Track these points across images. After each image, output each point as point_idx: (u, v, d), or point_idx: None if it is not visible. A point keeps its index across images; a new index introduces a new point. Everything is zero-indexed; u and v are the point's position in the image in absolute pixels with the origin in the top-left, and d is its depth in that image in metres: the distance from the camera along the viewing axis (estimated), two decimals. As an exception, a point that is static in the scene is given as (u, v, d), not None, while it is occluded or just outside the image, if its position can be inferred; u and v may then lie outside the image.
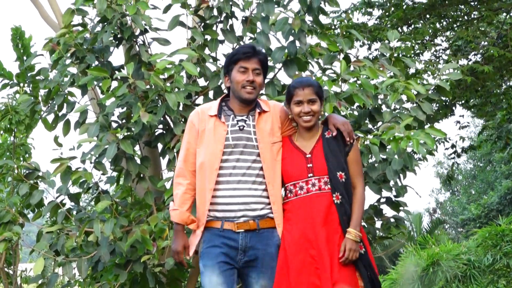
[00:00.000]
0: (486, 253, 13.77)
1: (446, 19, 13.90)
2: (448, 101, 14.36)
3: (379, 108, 6.37)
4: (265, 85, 6.28)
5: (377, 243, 7.00)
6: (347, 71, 6.16)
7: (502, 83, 14.78)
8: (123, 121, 6.51)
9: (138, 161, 6.44)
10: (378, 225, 6.62)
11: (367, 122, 6.43)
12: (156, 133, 6.46)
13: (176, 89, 5.97)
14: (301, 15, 6.14)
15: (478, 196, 36.35)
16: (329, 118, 4.77)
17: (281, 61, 6.21)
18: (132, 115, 6.06)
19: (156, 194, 6.63)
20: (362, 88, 6.08)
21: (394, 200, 6.47)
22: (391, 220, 6.61)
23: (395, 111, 6.29)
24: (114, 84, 6.44)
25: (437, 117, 14.46)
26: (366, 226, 6.40)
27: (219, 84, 6.31)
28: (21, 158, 9.32)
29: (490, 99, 15.06)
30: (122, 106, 6.32)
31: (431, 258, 14.04)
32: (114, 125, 6.51)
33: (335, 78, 6.28)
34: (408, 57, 12.44)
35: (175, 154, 6.01)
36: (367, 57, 12.96)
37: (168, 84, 5.94)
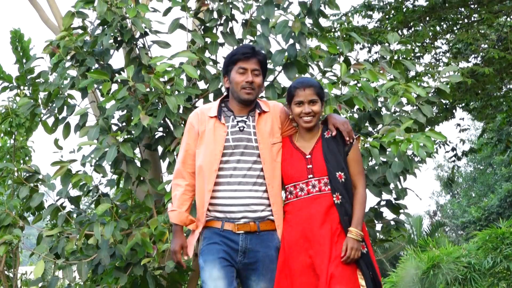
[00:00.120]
0: (486, 255, 13.79)
1: (446, 21, 13.91)
2: (448, 104, 14.36)
3: (379, 111, 6.37)
4: (265, 88, 6.29)
5: (377, 246, 7.00)
6: (347, 73, 6.16)
7: (502, 85, 14.78)
8: (123, 124, 6.51)
9: (138, 164, 6.44)
10: (378, 227, 6.62)
11: (367, 125, 6.43)
12: (156, 136, 6.45)
13: (176, 92, 5.97)
14: (301, 18, 6.14)
15: (478, 199, 36.34)
16: (328, 118, 4.76)
17: (281, 64, 6.21)
18: (132, 118, 6.06)
19: (156, 197, 6.63)
20: (362, 91, 6.08)
21: (394, 203, 6.48)
22: (391, 223, 6.61)
23: (395, 114, 6.30)
24: (114, 87, 6.44)
25: (437, 120, 14.46)
26: (367, 228, 6.40)
27: (219, 87, 6.31)
28: (21, 161, 9.32)
29: (490, 102, 15.05)
30: (122, 109, 6.32)
31: (431, 261, 14.06)
32: (114, 128, 6.51)
33: (335, 81, 6.28)
34: (409, 59, 12.45)
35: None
36: (367, 60, 12.97)
37: (168, 87, 5.95)
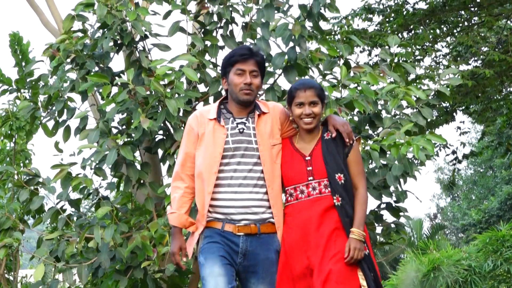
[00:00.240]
0: (486, 258, 13.77)
1: (447, 24, 13.91)
2: (448, 107, 14.36)
3: (379, 114, 6.37)
4: (265, 91, 6.30)
5: (378, 249, 7.00)
6: (347, 76, 6.16)
7: (502, 88, 14.78)
8: (123, 127, 6.51)
9: (138, 167, 6.44)
10: (378, 230, 6.62)
11: (367, 128, 6.43)
12: (156, 139, 6.46)
13: (176, 95, 5.97)
14: (301, 21, 6.14)
15: (479, 202, 36.32)
16: (328, 119, 4.74)
17: (281, 67, 6.21)
18: (132, 121, 6.06)
19: (156, 200, 6.62)
20: (362, 93, 6.08)
21: (394, 206, 6.47)
22: (391, 226, 6.61)
23: (396, 117, 6.30)
24: (114, 90, 6.45)
25: (437, 123, 14.46)
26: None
27: (220, 90, 6.31)
28: (21, 164, 9.32)
29: (490, 105, 15.06)
30: (122, 112, 6.32)
31: (431, 264, 14.04)
32: (114, 131, 6.51)
33: (335, 84, 6.28)
34: (409, 62, 12.47)
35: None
36: (367, 63, 12.98)
37: (168, 90, 5.95)
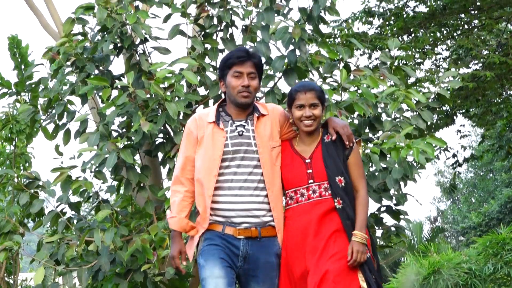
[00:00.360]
0: (487, 261, 13.77)
1: (447, 28, 13.92)
2: (448, 111, 14.37)
3: (379, 117, 6.37)
4: (265, 94, 6.30)
5: (378, 252, 6.99)
6: (348, 80, 6.16)
7: (502, 91, 14.79)
8: (123, 130, 6.51)
9: (138, 170, 6.44)
10: (378, 233, 6.62)
11: (367, 131, 6.43)
12: (156, 142, 6.46)
13: (177, 98, 5.97)
14: (301, 24, 6.15)
15: (479, 205, 36.32)
16: (329, 122, 4.73)
17: (281, 70, 6.21)
18: (132, 124, 6.06)
19: (157, 203, 6.62)
20: (362, 97, 6.08)
21: (394, 209, 6.47)
22: (391, 229, 6.60)
23: (396, 120, 6.30)
24: (114, 93, 6.45)
25: (437, 126, 14.46)
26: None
27: (220, 93, 6.31)
28: (21, 167, 9.33)
29: (490, 108, 15.06)
30: (122, 115, 6.33)
31: (432, 267, 14.04)
32: (114, 134, 6.51)
33: (335, 87, 6.28)
34: (409, 64, 12.47)
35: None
36: (367, 66, 12.98)
37: (168, 93, 5.95)
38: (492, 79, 12.58)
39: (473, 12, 13.63)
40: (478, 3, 13.14)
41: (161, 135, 6.45)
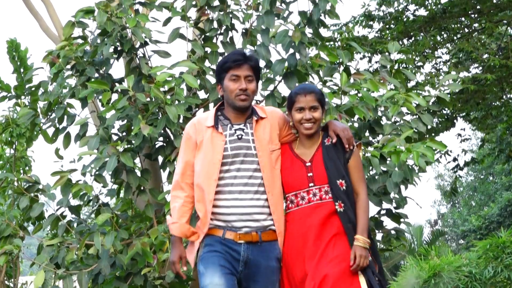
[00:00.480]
0: (487, 265, 13.73)
1: (447, 31, 13.93)
2: (449, 114, 14.36)
3: (379, 120, 6.37)
4: (265, 97, 6.30)
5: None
6: (348, 83, 6.16)
7: (502, 95, 14.79)
8: (124, 133, 6.51)
9: (139, 173, 6.44)
10: (378, 237, 6.61)
11: (367, 135, 6.43)
12: (157, 146, 6.45)
13: (177, 102, 5.97)
14: (301, 28, 6.15)
15: (479, 208, 36.28)
16: (329, 125, 4.71)
17: (281, 74, 6.21)
18: (132, 127, 6.06)
19: (157, 207, 6.62)
20: (362, 100, 6.08)
21: (394, 212, 6.47)
22: (391, 232, 6.60)
23: (396, 124, 6.30)
24: (114, 96, 6.45)
25: (438, 130, 14.46)
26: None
27: (219, 96, 6.31)
28: (21, 171, 9.33)
29: (490, 111, 15.06)
30: (123, 119, 6.33)
31: (432, 270, 14.00)
32: (115, 137, 6.51)
33: (335, 90, 6.28)
34: (409, 68, 12.47)
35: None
36: (367, 69, 12.98)
37: (168, 97, 5.95)
38: (492, 82, 12.58)
39: (473, 15, 13.64)
40: (478, 7, 13.15)
41: (161, 138, 6.45)
